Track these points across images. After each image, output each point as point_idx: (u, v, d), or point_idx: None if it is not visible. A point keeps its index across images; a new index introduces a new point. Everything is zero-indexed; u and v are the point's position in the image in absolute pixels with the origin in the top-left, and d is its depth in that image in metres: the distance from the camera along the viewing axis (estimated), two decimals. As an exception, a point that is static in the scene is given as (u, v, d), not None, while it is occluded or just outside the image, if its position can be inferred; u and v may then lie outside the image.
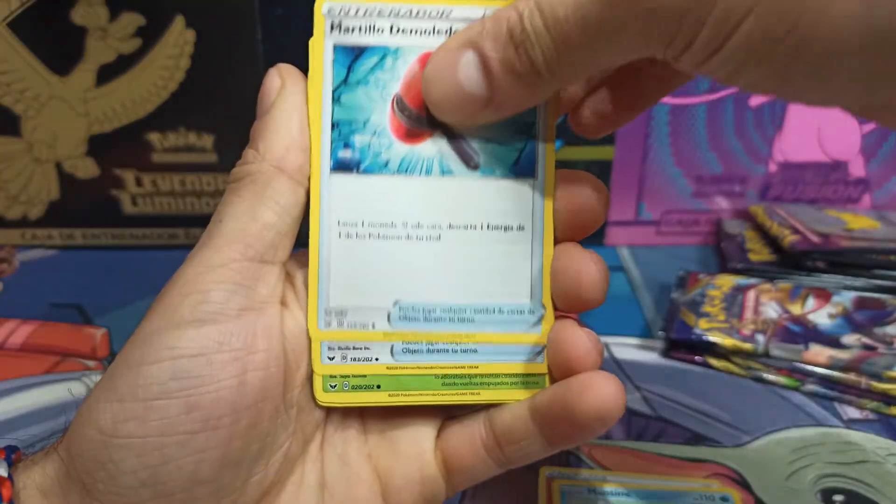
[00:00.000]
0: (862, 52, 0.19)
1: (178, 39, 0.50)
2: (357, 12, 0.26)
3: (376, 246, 0.26)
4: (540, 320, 0.27)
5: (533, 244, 0.27)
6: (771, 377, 0.40)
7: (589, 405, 0.24)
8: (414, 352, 0.26)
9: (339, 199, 0.26)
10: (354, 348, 0.26)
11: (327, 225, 0.26)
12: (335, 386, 0.26)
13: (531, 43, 0.22)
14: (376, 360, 0.26)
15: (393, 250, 0.26)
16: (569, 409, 0.25)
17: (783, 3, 0.19)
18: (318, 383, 0.26)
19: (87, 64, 0.50)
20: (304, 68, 0.27)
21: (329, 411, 0.27)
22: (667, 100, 0.51)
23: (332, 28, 0.26)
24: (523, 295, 0.27)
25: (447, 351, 0.27)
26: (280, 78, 0.26)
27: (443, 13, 0.26)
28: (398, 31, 0.26)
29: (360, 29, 0.26)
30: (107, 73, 0.51)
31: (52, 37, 0.49)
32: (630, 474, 0.34)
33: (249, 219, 0.24)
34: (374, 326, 0.26)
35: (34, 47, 0.50)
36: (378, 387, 0.26)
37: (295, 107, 0.26)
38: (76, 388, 0.40)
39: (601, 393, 0.24)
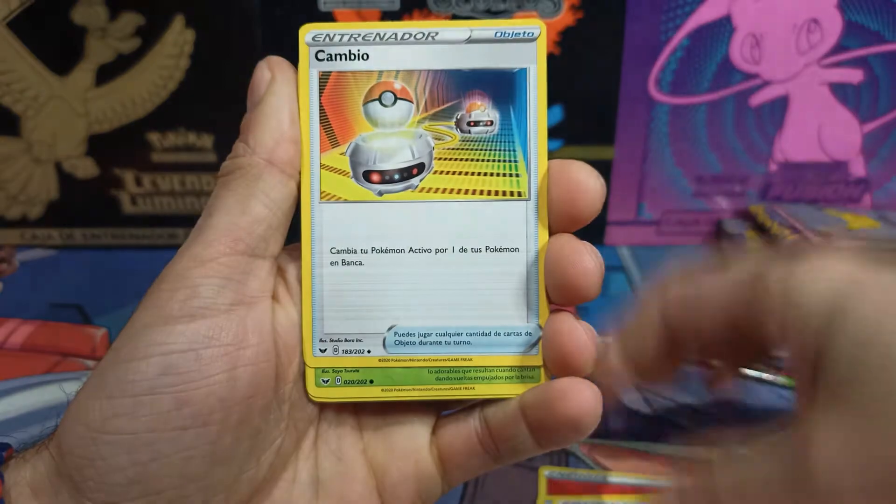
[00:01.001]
0: None
1: (178, 39, 0.50)
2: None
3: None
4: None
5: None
6: (771, 377, 0.40)
7: (565, 411, 0.24)
8: (406, 343, 0.26)
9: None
10: (346, 340, 0.26)
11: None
12: (328, 381, 0.26)
13: None
14: (368, 352, 0.26)
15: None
16: (549, 412, 0.25)
17: None
18: (310, 377, 0.26)
19: (86, 64, 0.50)
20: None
21: (323, 408, 0.27)
22: (667, 100, 0.51)
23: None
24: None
25: (440, 343, 0.26)
26: (270, 70, 0.26)
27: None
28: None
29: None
30: (107, 73, 0.50)
31: (52, 37, 0.49)
32: (630, 474, 0.34)
33: (239, 212, 0.24)
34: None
35: (34, 47, 0.50)
36: (371, 381, 0.26)
37: (285, 99, 0.26)
38: (73, 389, 0.40)
39: (577, 399, 0.24)
